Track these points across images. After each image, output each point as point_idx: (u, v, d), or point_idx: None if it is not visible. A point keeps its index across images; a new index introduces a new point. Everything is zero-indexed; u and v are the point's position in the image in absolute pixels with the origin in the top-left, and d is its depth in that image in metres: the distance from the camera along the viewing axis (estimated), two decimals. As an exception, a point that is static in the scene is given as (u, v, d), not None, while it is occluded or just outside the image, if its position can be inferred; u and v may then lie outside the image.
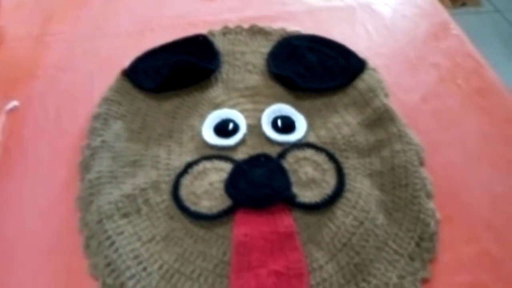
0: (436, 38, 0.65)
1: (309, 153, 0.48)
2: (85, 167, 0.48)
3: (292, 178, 0.46)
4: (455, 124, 0.54)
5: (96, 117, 0.52)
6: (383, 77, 0.57)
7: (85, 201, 0.45)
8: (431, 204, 0.45)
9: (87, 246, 0.43)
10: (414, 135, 0.50)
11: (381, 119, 0.51)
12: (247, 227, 0.42)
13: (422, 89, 0.58)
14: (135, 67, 0.57)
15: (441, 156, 0.50)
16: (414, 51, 0.63)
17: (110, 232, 0.42)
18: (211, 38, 0.61)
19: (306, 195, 0.45)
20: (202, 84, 0.56)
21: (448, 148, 0.51)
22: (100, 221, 0.43)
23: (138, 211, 0.44)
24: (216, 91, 0.56)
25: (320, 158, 0.48)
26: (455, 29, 0.66)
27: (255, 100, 0.55)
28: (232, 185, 0.45)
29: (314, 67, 0.57)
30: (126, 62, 0.58)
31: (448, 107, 0.56)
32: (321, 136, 0.51)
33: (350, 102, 0.54)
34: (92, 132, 0.51)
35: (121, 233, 0.42)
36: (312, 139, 0.51)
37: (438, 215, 0.44)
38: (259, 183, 0.45)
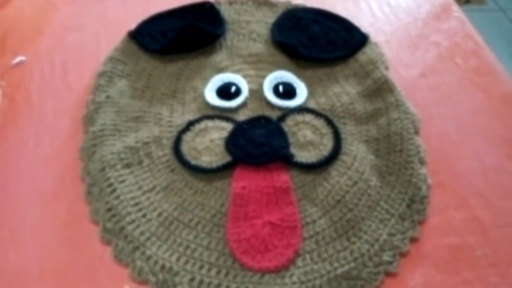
0: (438, 18, 0.66)
1: (308, 117, 0.49)
2: (89, 120, 0.49)
3: (291, 140, 0.47)
4: (451, 99, 0.55)
5: (101, 74, 0.53)
6: (384, 52, 0.59)
7: (88, 152, 0.46)
8: (423, 170, 0.46)
9: (89, 193, 0.44)
10: (411, 106, 0.51)
11: (380, 90, 0.52)
12: (245, 181, 0.43)
13: (421, 65, 0.59)
14: (142, 30, 0.58)
15: (436, 127, 0.52)
16: (416, 29, 0.64)
17: (112, 180, 0.43)
18: (217, 6, 0.62)
19: (303, 156, 0.46)
20: (207, 49, 0.57)
21: (443, 120, 0.53)
22: (102, 170, 0.44)
23: (140, 162, 0.46)
24: (220, 56, 0.57)
25: (319, 122, 0.49)
26: (457, 11, 0.67)
27: (258, 67, 0.56)
28: (232, 142, 0.46)
29: (317, 38, 0.58)
30: (132, 25, 0.59)
31: (445, 83, 0.57)
32: (320, 103, 0.52)
33: (350, 73, 0.55)
34: (97, 88, 0.52)
35: (123, 181, 0.44)
36: (312, 105, 0.52)
37: (429, 180, 0.46)
38: (258, 141, 0.46)
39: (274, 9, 0.64)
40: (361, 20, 0.64)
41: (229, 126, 0.48)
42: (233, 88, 0.52)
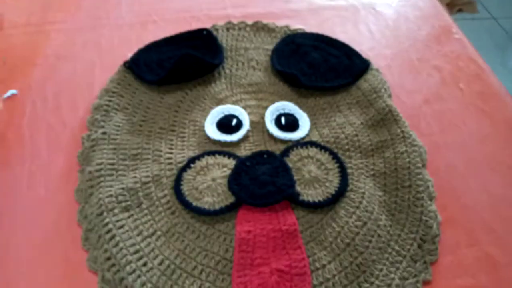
0: (439, 41, 0.65)
1: (312, 151, 0.48)
2: (85, 158, 0.47)
3: (296, 176, 0.45)
4: (457, 127, 0.54)
5: (97, 108, 0.51)
6: (386, 77, 0.57)
7: (85, 193, 0.44)
8: (433, 206, 0.45)
9: (86, 239, 0.42)
10: (416, 137, 0.50)
11: (384, 120, 0.51)
12: (250, 224, 0.42)
13: (424, 91, 0.58)
14: (138, 59, 0.56)
15: (442, 158, 0.50)
16: (417, 53, 0.63)
17: (110, 226, 0.41)
18: (214, 32, 0.61)
19: (309, 194, 0.44)
20: (205, 78, 0.56)
21: (449, 150, 0.51)
22: (100, 214, 0.42)
23: (139, 205, 0.44)
24: (219, 86, 0.55)
25: (324, 157, 0.47)
26: (458, 33, 0.67)
27: (259, 97, 0.54)
28: (235, 181, 0.44)
29: (317, 65, 0.56)
30: (127, 54, 0.57)
31: (450, 110, 0.56)
32: (324, 135, 0.51)
33: (353, 101, 0.54)
34: (93, 123, 0.50)
35: (122, 226, 0.42)
36: (315, 137, 0.50)
37: (439, 217, 0.44)
38: (262, 180, 0.44)
39: (273, 34, 0.62)
40: (361, 44, 0.63)
41: (231, 163, 0.46)
42: (234, 121, 0.51)
